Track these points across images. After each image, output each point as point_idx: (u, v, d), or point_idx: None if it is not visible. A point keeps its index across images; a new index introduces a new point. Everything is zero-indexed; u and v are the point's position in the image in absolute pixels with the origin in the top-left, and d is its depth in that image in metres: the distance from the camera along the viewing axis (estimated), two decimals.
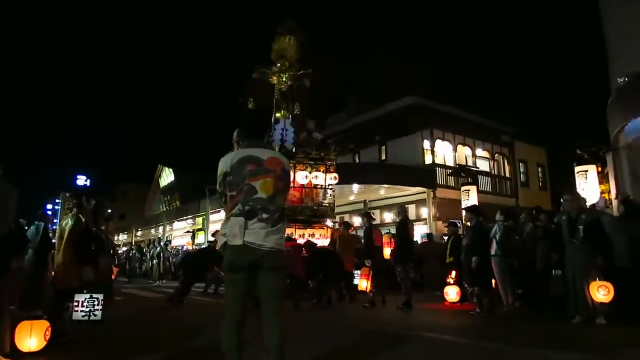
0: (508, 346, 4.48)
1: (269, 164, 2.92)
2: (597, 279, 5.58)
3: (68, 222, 4.94)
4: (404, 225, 7.85)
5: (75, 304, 4.67)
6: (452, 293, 7.80)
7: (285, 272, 3.05)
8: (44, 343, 3.82)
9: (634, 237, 5.97)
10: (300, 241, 9.90)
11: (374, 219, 10.19)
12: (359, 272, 9.45)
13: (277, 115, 11.67)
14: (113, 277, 8.76)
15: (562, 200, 6.41)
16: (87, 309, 4.64)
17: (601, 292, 5.51)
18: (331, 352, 4.14)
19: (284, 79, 11.84)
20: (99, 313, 4.63)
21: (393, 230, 9.20)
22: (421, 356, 4.22)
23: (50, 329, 3.89)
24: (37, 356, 3.75)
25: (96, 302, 4.66)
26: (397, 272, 7.91)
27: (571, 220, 6.01)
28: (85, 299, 4.66)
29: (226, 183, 2.91)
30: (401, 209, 8.20)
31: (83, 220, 4.96)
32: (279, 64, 11.86)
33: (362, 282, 8.88)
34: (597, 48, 13.70)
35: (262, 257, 2.80)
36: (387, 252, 8.20)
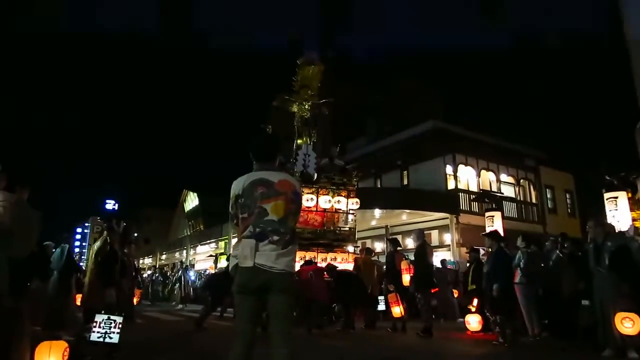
0: None
1: (279, 186, 2.95)
2: (623, 309, 5.32)
3: (97, 244, 5.11)
4: (423, 250, 7.72)
5: (94, 324, 4.73)
6: (473, 322, 7.56)
7: (294, 294, 3.04)
8: None
9: None
10: (322, 264, 9.87)
11: (400, 246, 10.14)
12: (381, 297, 9.32)
13: (299, 141, 11.85)
14: (136, 300, 8.87)
15: (587, 227, 6.24)
16: (103, 331, 4.67)
17: (626, 324, 5.25)
18: None
19: (307, 107, 12.09)
20: (114, 336, 4.65)
21: (412, 256, 9.08)
22: None
23: (68, 349, 3.95)
24: None
25: (113, 324, 4.69)
26: (417, 298, 7.76)
27: (597, 247, 5.83)
28: (103, 319, 4.72)
29: (238, 205, 2.96)
30: (419, 234, 8.09)
31: (109, 241, 5.10)
32: (301, 92, 12.12)
33: (395, 309, 8.71)
34: (625, 70, 13.48)
35: (273, 279, 2.80)
36: (406, 278, 8.04)
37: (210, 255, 31.05)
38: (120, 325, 4.74)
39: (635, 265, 5.85)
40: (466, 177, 19.10)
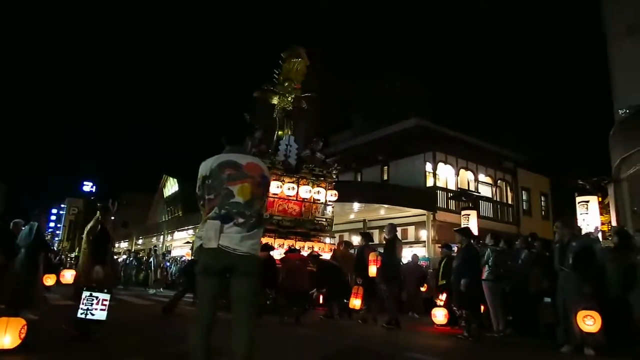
0: None
1: (247, 169, 2.95)
2: (585, 308, 5.49)
3: (90, 224, 5.16)
4: (392, 244, 7.84)
5: (82, 301, 4.69)
6: (440, 315, 7.68)
7: (257, 277, 3.04)
8: (19, 341, 3.80)
9: (626, 268, 5.90)
10: (304, 254, 9.97)
11: (372, 240, 10.23)
12: None
13: (280, 133, 11.95)
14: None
15: (554, 227, 6.40)
16: (86, 307, 4.63)
17: (587, 322, 5.42)
18: None
19: (289, 99, 12.15)
20: (97, 312, 4.62)
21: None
22: None
23: (26, 327, 3.89)
24: (12, 355, 3.74)
25: (95, 301, 4.65)
26: (382, 290, 7.87)
27: (562, 247, 5.98)
28: (86, 296, 4.68)
29: (205, 187, 2.94)
30: (392, 228, 8.19)
31: (100, 220, 5.09)
32: (286, 84, 12.17)
33: (354, 300, 8.84)
34: (603, 78, 13.80)
35: (236, 262, 2.80)
36: (372, 270, 8.14)
37: (187, 242, 30.83)
38: (105, 302, 4.71)
39: (598, 265, 6.04)
40: (445, 175, 19.33)
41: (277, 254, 9.55)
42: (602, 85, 14.32)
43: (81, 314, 4.58)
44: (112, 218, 5.78)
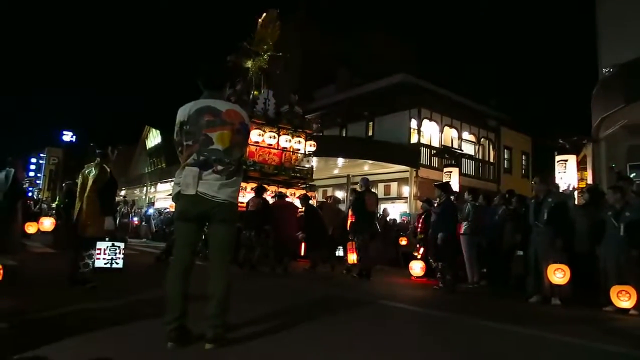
0: (454, 315, 4.63)
1: (227, 116, 2.90)
2: (555, 261, 5.72)
3: (92, 171, 4.92)
4: (360, 198, 8.02)
5: (98, 252, 4.69)
6: (417, 268, 7.93)
7: (235, 224, 3.07)
8: None
9: (594, 223, 6.11)
10: (290, 200, 10.16)
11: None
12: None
13: (255, 93, 11.98)
14: None
15: (532, 183, 6.53)
16: (110, 257, 4.69)
17: (558, 274, 5.66)
18: (282, 310, 4.22)
19: (265, 57, 12.11)
20: (120, 261, 4.68)
21: None
22: (369, 318, 4.33)
23: (1, 271, 3.88)
24: None
25: (117, 251, 4.70)
26: (355, 242, 8.10)
27: (538, 203, 6.14)
28: (107, 247, 4.69)
29: (183, 132, 2.89)
30: (365, 181, 8.33)
31: (108, 170, 4.92)
32: (261, 44, 12.10)
33: (350, 255, 9.12)
34: (589, 38, 13.71)
35: (214, 209, 2.82)
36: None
37: (171, 194, 30.76)
38: (123, 251, 4.73)
39: (569, 221, 6.24)
40: (429, 132, 19.38)
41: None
42: (589, 44, 14.24)
43: (106, 264, 4.63)
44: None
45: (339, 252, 10.24)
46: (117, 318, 3.46)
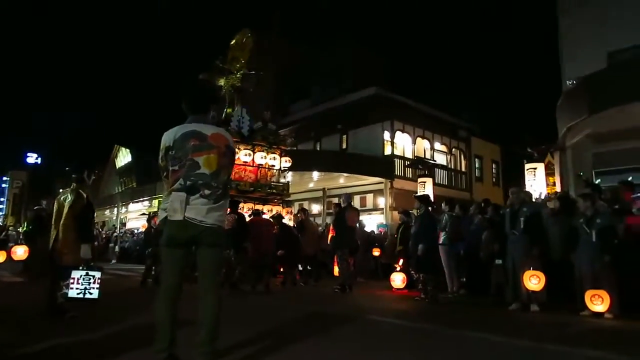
0: (444, 328, 4.70)
1: (213, 139, 2.90)
2: (531, 268, 5.88)
3: (67, 197, 4.76)
4: (342, 214, 8.18)
5: (71, 281, 4.52)
6: (398, 280, 7.99)
7: (223, 248, 3.05)
8: None
9: (566, 231, 6.33)
10: (266, 217, 10.14)
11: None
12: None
13: (229, 110, 12.05)
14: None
15: (510, 192, 6.70)
16: (83, 287, 4.52)
17: (533, 281, 5.82)
18: (270, 331, 4.19)
19: (238, 76, 12.20)
20: (94, 291, 4.52)
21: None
22: (355, 335, 4.34)
23: None
24: None
25: (92, 280, 4.54)
26: (336, 257, 8.18)
27: (514, 212, 6.32)
28: (81, 276, 4.53)
29: (169, 157, 2.87)
30: (346, 197, 8.51)
31: (85, 195, 4.78)
32: (233, 62, 12.25)
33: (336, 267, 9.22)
34: (552, 50, 14.31)
35: (202, 233, 2.79)
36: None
37: (143, 214, 30.11)
38: (99, 281, 4.59)
39: (545, 230, 6.44)
40: (402, 144, 19.70)
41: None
42: (552, 56, 14.87)
43: (78, 293, 4.48)
44: (61, 190, 5.50)
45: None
46: (102, 351, 3.36)
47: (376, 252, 11.74)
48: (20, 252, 6.92)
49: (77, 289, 4.56)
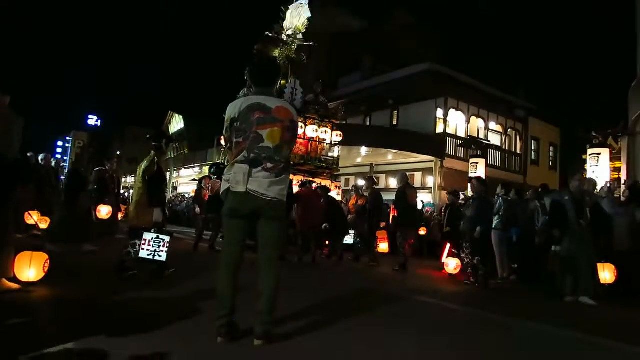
0: (500, 317, 4.56)
1: (277, 113, 2.88)
2: (602, 260, 5.60)
3: (143, 163, 5.05)
4: (403, 193, 7.96)
5: (143, 242, 4.79)
6: (451, 265, 7.69)
7: (284, 221, 3.07)
8: (43, 274, 3.90)
9: (636, 221, 5.95)
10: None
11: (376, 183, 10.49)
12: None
13: (282, 82, 11.90)
14: (121, 215, 8.88)
15: (571, 180, 6.30)
16: (153, 249, 4.77)
17: (606, 273, 5.55)
18: (322, 305, 4.24)
19: (293, 47, 12.13)
20: (163, 254, 4.77)
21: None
22: (410, 316, 4.31)
23: (48, 261, 3.97)
24: (36, 286, 3.86)
25: (161, 243, 4.79)
26: (397, 236, 8.07)
27: (577, 201, 5.96)
28: (152, 238, 4.78)
29: (233, 129, 2.88)
30: (403, 176, 8.26)
31: (156, 161, 5.03)
32: (289, 32, 12.12)
33: (381, 244, 9.28)
34: (627, 30, 13.21)
35: (264, 207, 2.81)
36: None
37: (194, 179, 31.15)
38: (168, 244, 4.84)
39: (609, 220, 6.08)
40: (455, 122, 19.08)
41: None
42: (628, 38, 13.72)
43: (148, 255, 4.73)
44: (118, 152, 5.72)
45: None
46: (164, 310, 3.52)
47: (422, 232, 11.62)
48: (104, 212, 7.30)
49: (147, 250, 4.76)
